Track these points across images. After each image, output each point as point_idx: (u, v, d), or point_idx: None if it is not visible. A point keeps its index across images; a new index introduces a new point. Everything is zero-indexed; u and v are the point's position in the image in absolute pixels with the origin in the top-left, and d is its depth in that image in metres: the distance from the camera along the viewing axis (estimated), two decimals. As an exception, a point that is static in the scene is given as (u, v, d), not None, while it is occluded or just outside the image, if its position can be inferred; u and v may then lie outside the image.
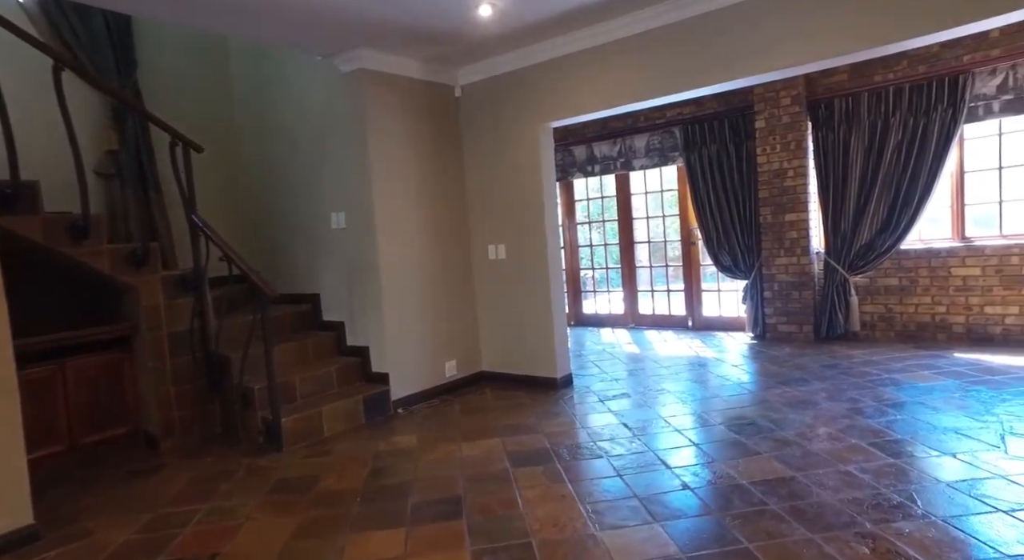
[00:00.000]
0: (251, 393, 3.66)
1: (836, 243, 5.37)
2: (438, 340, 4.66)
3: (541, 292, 4.62)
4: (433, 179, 4.67)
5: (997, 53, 4.67)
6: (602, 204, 7.38)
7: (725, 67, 3.66)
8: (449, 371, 4.75)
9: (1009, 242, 4.84)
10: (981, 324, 4.95)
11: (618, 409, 3.98)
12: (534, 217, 4.59)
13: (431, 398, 4.56)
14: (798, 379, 4.27)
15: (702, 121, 5.99)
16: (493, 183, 4.80)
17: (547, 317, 4.61)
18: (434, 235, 4.67)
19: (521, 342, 4.78)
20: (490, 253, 4.88)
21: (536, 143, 4.52)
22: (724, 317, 6.44)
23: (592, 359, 5.56)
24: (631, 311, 7.14)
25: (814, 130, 5.42)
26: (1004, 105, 4.72)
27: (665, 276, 6.91)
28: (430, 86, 4.66)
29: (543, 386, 4.64)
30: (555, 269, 4.63)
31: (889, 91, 5.03)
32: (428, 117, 4.64)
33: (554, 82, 4.36)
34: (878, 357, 4.72)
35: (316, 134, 4.52)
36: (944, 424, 3.22)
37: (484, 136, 4.80)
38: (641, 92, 4.01)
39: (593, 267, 7.63)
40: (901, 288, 5.26)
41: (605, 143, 6.82)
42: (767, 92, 5.51)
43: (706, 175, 6.01)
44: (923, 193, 4.94)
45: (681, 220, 6.61)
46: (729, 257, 6.00)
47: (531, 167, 4.56)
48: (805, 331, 5.54)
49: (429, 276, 4.61)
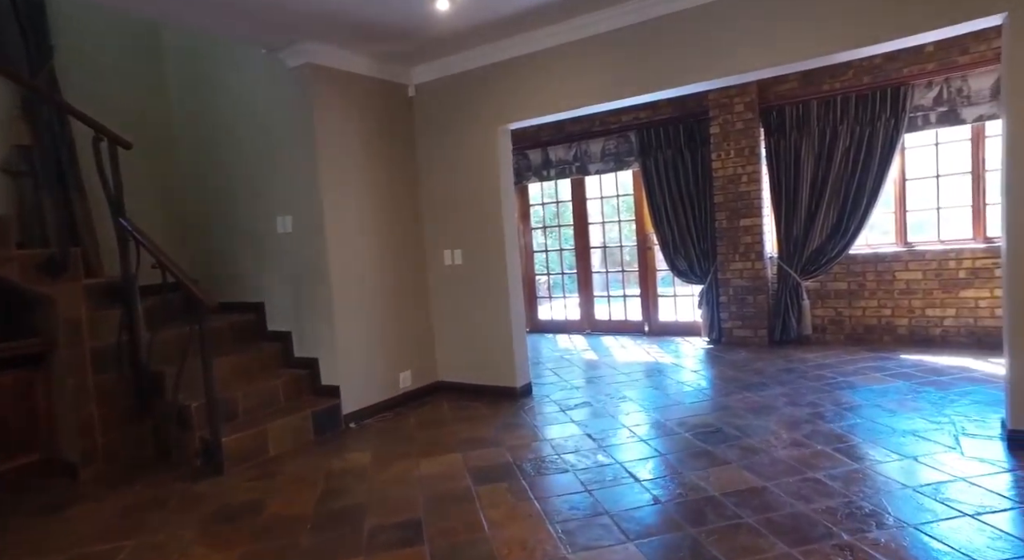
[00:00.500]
0: (187, 411, 3.36)
1: (789, 248, 5.45)
2: (392, 350, 4.45)
3: (499, 299, 4.48)
4: (386, 182, 4.47)
5: (932, 67, 4.85)
6: (557, 209, 7.31)
7: (684, 70, 3.63)
8: (404, 382, 4.54)
9: (947, 247, 5.02)
10: (923, 326, 5.12)
11: (580, 419, 3.87)
12: (492, 221, 4.44)
13: (385, 411, 4.34)
14: (758, 384, 4.28)
15: (657, 126, 6.00)
16: (449, 186, 4.63)
17: (505, 324, 4.47)
18: (387, 240, 4.46)
19: (479, 350, 4.63)
20: (446, 259, 4.70)
21: (494, 145, 4.38)
22: (680, 322, 6.46)
23: (550, 366, 5.45)
24: (587, 317, 7.08)
25: (767, 136, 5.50)
26: (940, 116, 4.90)
27: (621, 281, 6.89)
28: (383, 84, 4.46)
29: (502, 396, 4.49)
30: (513, 275, 4.50)
31: (837, 100, 5.15)
32: (381, 117, 4.44)
33: (513, 83, 4.24)
34: (831, 360, 4.80)
35: (260, 132, 4.24)
36: (902, 427, 3.25)
37: (440, 137, 4.63)
38: (602, 94, 3.93)
39: (548, 272, 7.55)
40: (850, 292, 5.38)
41: (561, 147, 6.76)
42: (721, 98, 5.56)
43: (662, 180, 6.02)
44: (870, 199, 5.07)
45: (637, 225, 6.61)
46: (685, 262, 6.02)
47: (489, 170, 4.42)
48: (760, 335, 5.60)
49: (382, 282, 4.40)
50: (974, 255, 4.90)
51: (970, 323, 4.95)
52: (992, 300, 4.86)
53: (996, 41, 4.64)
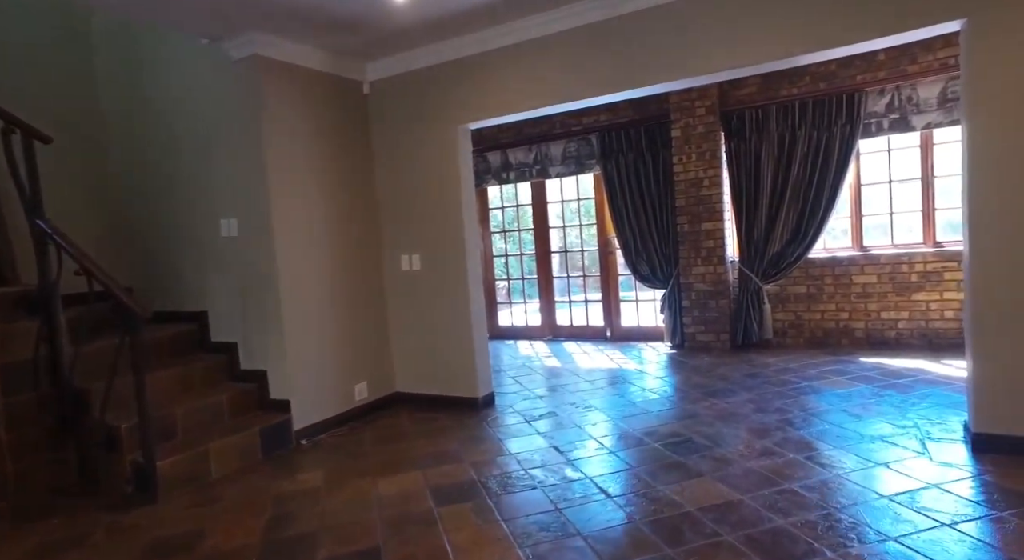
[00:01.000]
0: (116, 432, 3.04)
1: (750, 252, 5.46)
2: (346, 360, 4.20)
3: (460, 305, 4.29)
4: (339, 183, 4.23)
5: (884, 75, 4.93)
6: (517, 212, 7.18)
7: (648, 70, 3.54)
8: (359, 394, 4.29)
9: (900, 251, 5.11)
10: (878, 329, 5.19)
11: (546, 430, 3.72)
12: (452, 225, 4.26)
13: (339, 425, 4.09)
14: (724, 390, 4.22)
15: (619, 129, 5.94)
16: (407, 188, 4.42)
17: (467, 332, 4.29)
18: (341, 244, 4.22)
19: (439, 360, 4.43)
20: (404, 264, 4.49)
21: (454, 145, 4.20)
22: (642, 327, 6.41)
23: (512, 375, 5.29)
24: (548, 322, 6.96)
25: (727, 140, 5.50)
26: (892, 123, 4.99)
27: (583, 286, 6.80)
28: (336, 80, 4.22)
29: (464, 407, 4.30)
30: (475, 280, 4.32)
31: (795, 105, 5.18)
32: (334, 115, 4.20)
33: (473, 81, 4.08)
34: (793, 364, 4.80)
35: (203, 128, 3.94)
36: (869, 432, 3.22)
37: (397, 137, 4.42)
38: (565, 93, 3.81)
39: (508, 278, 7.39)
40: (809, 296, 5.42)
41: (520, 149, 6.63)
42: (683, 101, 5.53)
43: (623, 183, 5.95)
44: (828, 203, 5.12)
45: (598, 229, 6.53)
46: (647, 266, 5.97)
47: (449, 171, 4.24)
48: (722, 340, 5.59)
49: (335, 289, 4.15)
50: (925, 259, 5.00)
51: (922, 326, 5.04)
52: (942, 303, 4.97)
53: (941, 51, 4.76)
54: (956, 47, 4.70)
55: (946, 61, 4.75)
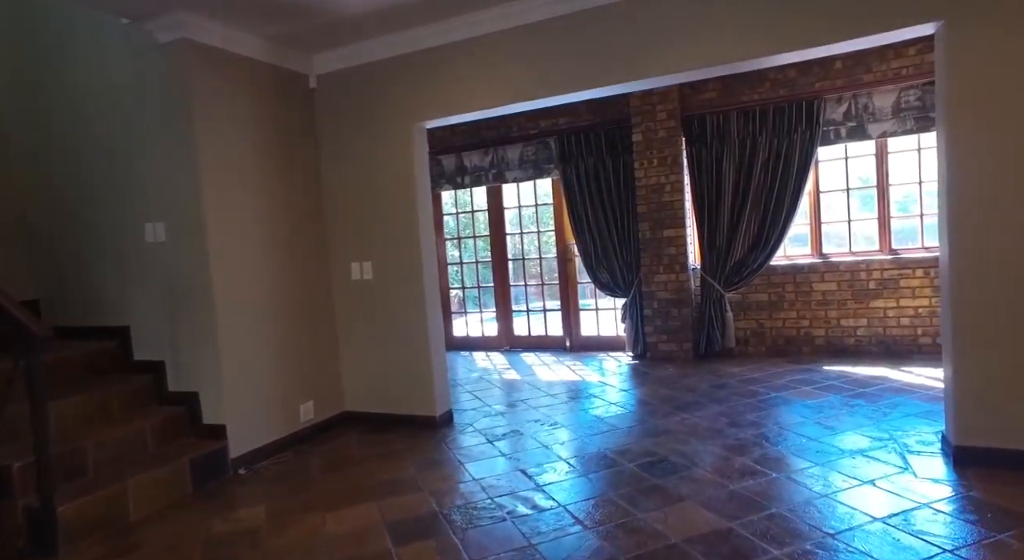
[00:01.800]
0: (7, 474, 2.58)
1: (712, 259, 5.37)
2: (290, 378, 3.83)
3: (416, 316, 3.99)
4: (283, 184, 3.86)
5: (841, 83, 4.95)
6: (473, 218, 6.91)
7: (617, 68, 3.36)
8: (305, 415, 3.92)
9: (858, 259, 5.13)
10: (838, 336, 5.19)
11: (511, 451, 3.46)
12: (406, 230, 3.96)
13: (283, 450, 3.71)
14: (693, 403, 4.07)
15: (578, 132, 5.77)
16: (358, 191, 4.10)
17: (423, 345, 3.98)
18: (284, 251, 3.85)
19: (393, 376, 4.10)
20: (354, 272, 4.15)
21: (409, 145, 3.91)
22: (602, 336, 6.24)
23: (470, 389, 5.01)
24: (505, 333, 6.71)
25: (688, 146, 5.41)
26: (849, 131, 5.00)
27: (541, 295, 6.58)
28: (279, 72, 3.86)
29: (420, 426, 3.99)
30: (432, 289, 4.03)
31: (756, 111, 5.14)
32: (278, 109, 3.84)
33: (430, 76, 3.80)
34: (759, 374, 4.71)
35: (124, 121, 3.51)
36: (847, 446, 3.11)
37: (347, 135, 4.09)
38: (530, 91, 3.59)
39: (463, 286, 7.11)
40: (771, 303, 5.38)
41: (476, 153, 6.37)
42: (643, 105, 5.41)
43: (583, 189, 5.78)
44: (789, 210, 5.08)
45: (557, 235, 6.34)
46: (608, 274, 5.80)
47: (403, 173, 3.94)
48: (685, 349, 5.47)
49: (278, 300, 3.77)
50: (882, 266, 5.02)
51: (879, 333, 5.06)
52: (898, 310, 5.00)
53: (895, 61, 4.80)
54: (908, 58, 4.79)
55: (899, 71, 4.80)
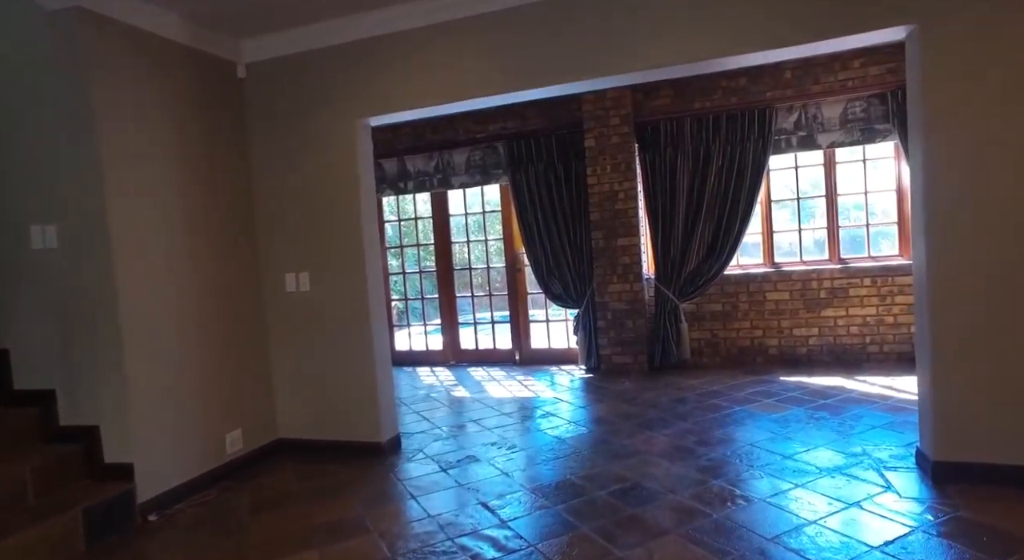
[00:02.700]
0: None
1: (666, 268, 5.24)
2: (215, 404, 3.35)
3: (360, 332, 3.60)
4: (206, 185, 3.40)
5: (791, 92, 4.95)
6: (416, 226, 6.55)
7: (585, 63, 3.15)
8: (232, 445, 3.45)
9: (809, 268, 5.13)
10: (791, 346, 5.16)
11: (469, 480, 3.13)
12: (349, 237, 3.58)
13: (205, 488, 3.22)
14: (657, 420, 3.87)
15: (528, 137, 5.54)
16: (294, 193, 3.68)
17: (367, 364, 3.60)
18: (208, 260, 3.38)
19: (333, 398, 3.69)
20: (289, 284, 3.72)
21: (352, 143, 3.54)
22: (553, 349, 6.00)
23: (417, 409, 4.64)
24: (451, 346, 6.36)
25: (642, 152, 5.28)
26: (800, 140, 5.01)
27: (489, 306, 6.28)
28: (202, 57, 3.41)
29: (365, 454, 3.59)
30: (377, 301, 3.66)
31: (709, 118, 5.07)
32: (199, 99, 3.38)
33: (377, 67, 3.46)
34: (718, 386, 4.59)
35: (3, 102, 2.96)
36: (823, 463, 2.97)
37: (281, 131, 3.67)
38: (485, 86, 3.32)
39: (406, 298, 6.71)
40: (724, 313, 5.30)
41: (420, 157, 6.03)
42: (597, 110, 5.24)
43: (533, 195, 5.54)
44: (743, 219, 5.03)
45: (506, 244, 6.07)
46: (560, 284, 5.58)
47: (346, 174, 3.56)
48: (640, 361, 5.30)
49: (200, 316, 3.30)
50: (832, 275, 5.04)
51: (830, 342, 5.07)
52: (848, 319, 5.02)
53: (841, 73, 4.84)
54: (854, 70, 4.84)
55: (845, 83, 4.84)
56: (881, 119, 4.78)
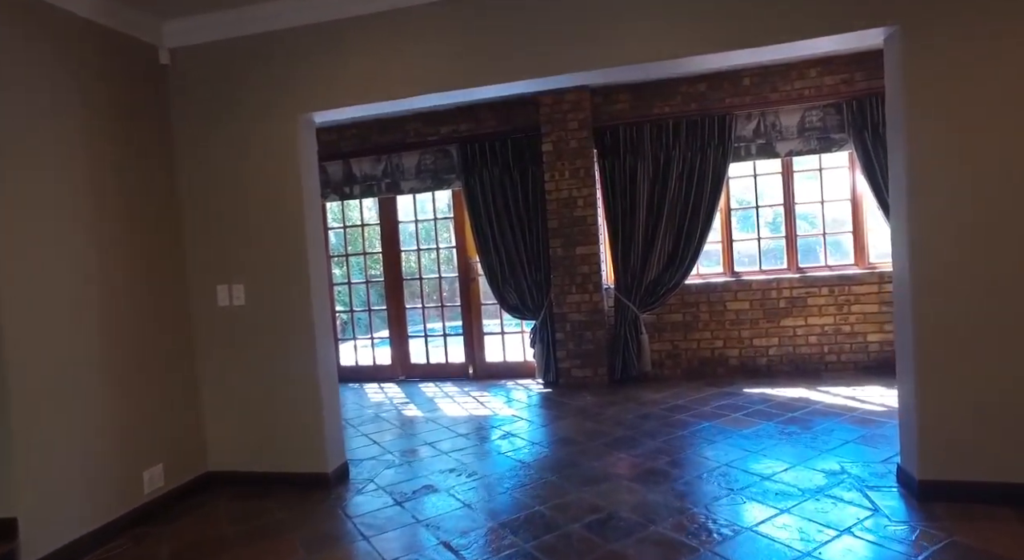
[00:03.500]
0: None
1: (626, 278, 5.08)
2: (130, 437, 2.91)
3: (303, 349, 3.23)
4: (121, 186, 2.97)
5: (749, 100, 4.91)
6: (362, 233, 6.17)
7: (555, 56, 2.92)
8: (152, 483, 3.00)
9: (768, 277, 5.08)
10: (751, 356, 5.09)
11: (428, 516, 2.81)
12: (291, 244, 3.21)
13: (117, 536, 2.78)
14: (625, 439, 3.66)
15: (482, 140, 5.28)
16: (226, 195, 3.29)
17: (312, 384, 3.24)
18: (123, 270, 2.94)
19: (273, 424, 3.30)
20: (221, 297, 3.31)
21: (293, 141, 3.19)
22: (509, 362, 5.73)
23: (365, 431, 4.27)
24: (400, 360, 5.99)
25: (601, 158, 5.11)
26: (759, 148, 4.97)
27: (441, 318, 5.96)
28: (115, 39, 2.98)
29: (309, 486, 3.22)
30: (323, 316, 3.30)
31: (669, 124, 4.95)
32: (113, 85, 2.96)
33: (321, 57, 3.13)
34: (682, 400, 4.43)
35: None
36: (804, 484, 2.83)
37: (212, 126, 3.28)
38: (443, 80, 3.04)
39: (351, 309, 6.31)
40: (685, 324, 5.18)
41: (367, 160, 5.67)
42: (554, 113, 5.04)
43: (488, 201, 5.28)
44: (704, 227, 4.92)
45: (458, 252, 5.77)
46: (516, 295, 5.33)
47: (286, 175, 3.20)
48: (600, 374, 5.10)
49: (111, 337, 2.86)
50: (791, 285, 5.00)
51: (790, 351, 5.02)
52: (807, 328, 4.99)
53: (798, 82, 4.84)
54: (810, 79, 4.84)
55: (802, 92, 4.84)
56: (837, 128, 4.78)
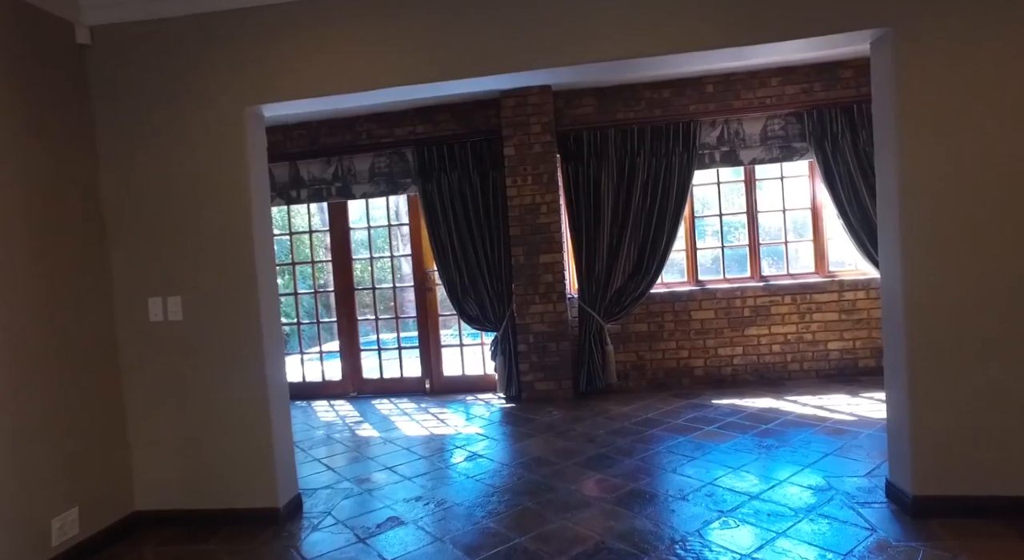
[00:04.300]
0: None
1: (591, 287, 4.92)
2: (33, 481, 2.47)
3: (250, 367, 2.88)
4: (30, 182, 2.55)
5: (713, 107, 4.87)
6: (310, 240, 5.77)
7: (523, 52, 2.72)
8: (63, 532, 2.57)
9: (732, 286, 5.04)
10: (716, 366, 5.02)
11: (397, 554, 2.52)
12: (236, 251, 2.86)
13: (21, 596, 2.34)
14: (600, 457, 3.46)
15: (440, 143, 5.02)
16: (160, 196, 2.90)
17: (259, 407, 2.89)
18: (33, 282, 2.52)
19: (214, 454, 2.92)
20: (153, 311, 2.91)
21: (240, 136, 2.85)
22: (469, 376, 5.46)
23: (318, 455, 3.91)
24: (352, 376, 5.61)
25: (564, 163, 4.95)
26: (723, 156, 4.92)
27: (395, 329, 5.63)
28: (23, 12, 2.57)
29: (257, 524, 2.85)
30: (272, 331, 2.95)
31: (634, 130, 4.84)
32: (20, 67, 2.54)
33: (271, 43, 2.82)
34: (652, 413, 4.29)
35: None
36: (794, 502, 2.71)
37: (142, 116, 2.89)
38: (409, 73, 2.79)
39: (299, 322, 5.89)
40: (650, 334, 5.06)
41: (316, 162, 5.30)
42: (516, 116, 4.84)
43: (447, 207, 5.02)
44: (669, 234, 4.83)
45: (415, 261, 5.47)
46: (476, 306, 5.07)
47: (231, 173, 2.86)
48: (565, 387, 4.91)
49: (16, 358, 2.43)
50: (755, 293, 4.97)
51: (754, 361, 4.99)
52: (770, 337, 4.97)
53: (761, 90, 4.84)
54: (772, 88, 4.84)
55: (764, 100, 4.84)
56: (798, 137, 4.80)
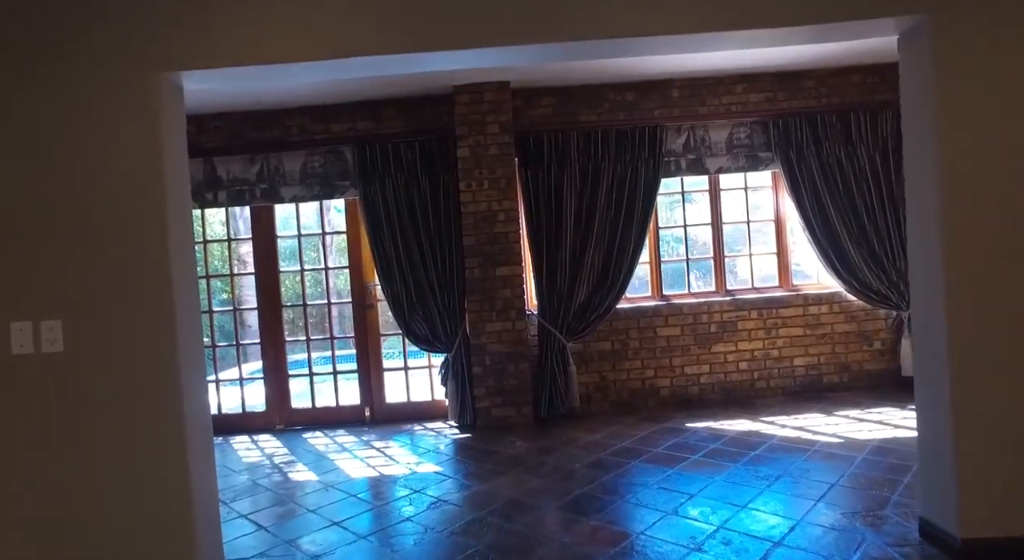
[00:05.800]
0: None
1: (552, 302, 4.51)
2: None
3: (163, 406, 2.23)
4: None
5: (678, 112, 4.66)
6: (229, 248, 5.02)
7: (504, 24, 2.29)
8: None
9: (698, 300, 4.79)
10: (682, 385, 4.74)
11: (362, 649, 1.96)
12: (146, 261, 2.21)
13: None
14: (585, 498, 3.01)
15: (384, 142, 4.49)
16: (40, 189, 2.21)
17: (175, 456, 2.23)
18: None
19: (107, 522, 2.22)
20: (18, 341, 2.19)
21: (153, 111, 2.22)
22: (415, 403, 4.87)
23: (244, 510, 3.22)
24: (278, 405, 4.88)
25: (523, 167, 4.54)
26: (689, 163, 4.69)
27: (330, 352, 4.97)
28: None
29: (166, 617, 2.18)
30: (193, 361, 2.31)
31: (597, 134, 4.52)
32: None
33: (196, -7, 2.22)
34: (625, 440, 3.90)
35: None
36: (825, 549, 2.39)
37: (15, 85, 2.19)
38: (372, 41, 2.29)
39: (214, 343, 5.09)
40: (614, 353, 4.70)
41: (237, 160, 4.60)
42: (471, 114, 4.39)
43: (391, 214, 4.47)
44: (635, 245, 4.52)
45: (353, 274, 4.84)
46: (425, 325, 4.53)
47: (139, 159, 2.21)
48: (524, 414, 4.45)
49: None
50: (722, 308, 4.75)
51: (721, 378, 4.75)
52: (737, 354, 4.76)
53: (726, 97, 4.68)
54: (737, 95, 4.69)
55: (729, 107, 4.68)
56: (764, 147, 4.66)
